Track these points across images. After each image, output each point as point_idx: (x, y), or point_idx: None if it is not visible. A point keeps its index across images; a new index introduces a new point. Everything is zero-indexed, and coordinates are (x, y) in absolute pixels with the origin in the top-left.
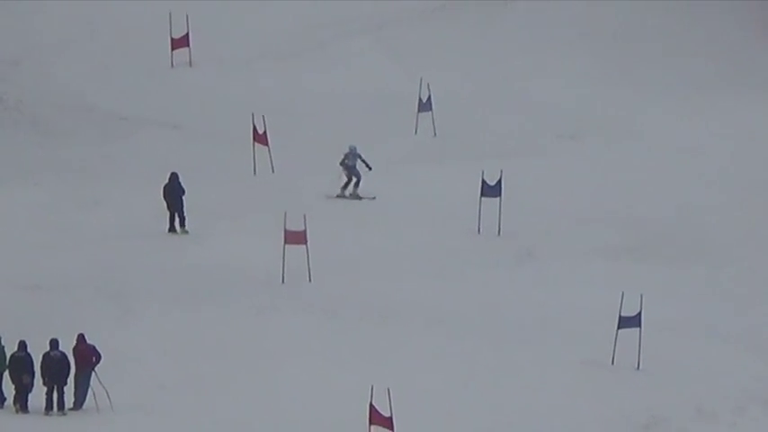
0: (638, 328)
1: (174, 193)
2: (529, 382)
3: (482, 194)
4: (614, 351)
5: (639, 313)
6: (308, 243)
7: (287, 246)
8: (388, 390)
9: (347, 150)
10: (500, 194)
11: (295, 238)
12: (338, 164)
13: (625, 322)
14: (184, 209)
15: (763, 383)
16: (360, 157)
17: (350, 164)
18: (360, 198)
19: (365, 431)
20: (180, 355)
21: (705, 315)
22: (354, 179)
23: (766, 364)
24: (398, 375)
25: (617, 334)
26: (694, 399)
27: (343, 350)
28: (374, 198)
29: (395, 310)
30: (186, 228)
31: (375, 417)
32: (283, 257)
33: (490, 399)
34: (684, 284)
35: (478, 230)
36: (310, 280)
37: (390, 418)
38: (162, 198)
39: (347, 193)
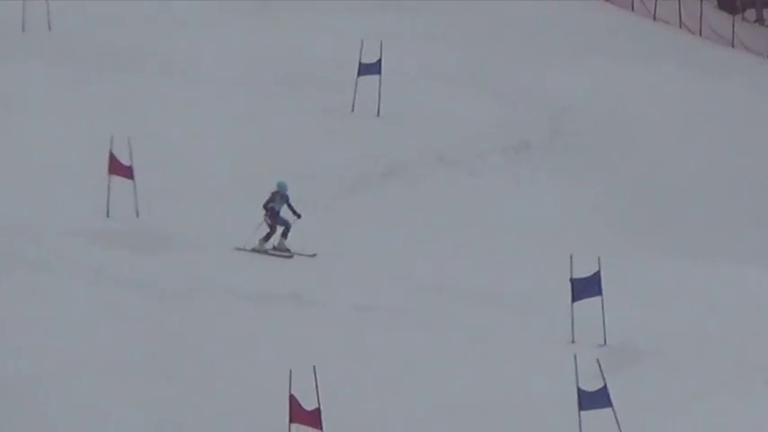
0: (378, 75)
1: None
2: (271, 131)
3: None
4: (354, 98)
5: (380, 60)
6: None
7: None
8: (129, 139)
9: (274, 189)
10: None
11: None
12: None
13: (365, 69)
14: None
15: (503, 130)
16: (288, 200)
17: (276, 208)
18: (288, 252)
19: (105, 181)
20: None
21: (445, 62)
22: (281, 228)
23: (505, 110)
24: (138, 125)
25: (357, 81)
26: (435, 146)
27: (84, 99)
28: (314, 255)
29: (134, 59)
30: None
31: (115, 166)
32: (24, 7)
33: (228, 144)
34: (423, 32)
35: None
36: (50, 28)
37: (130, 167)
38: None
39: (269, 246)
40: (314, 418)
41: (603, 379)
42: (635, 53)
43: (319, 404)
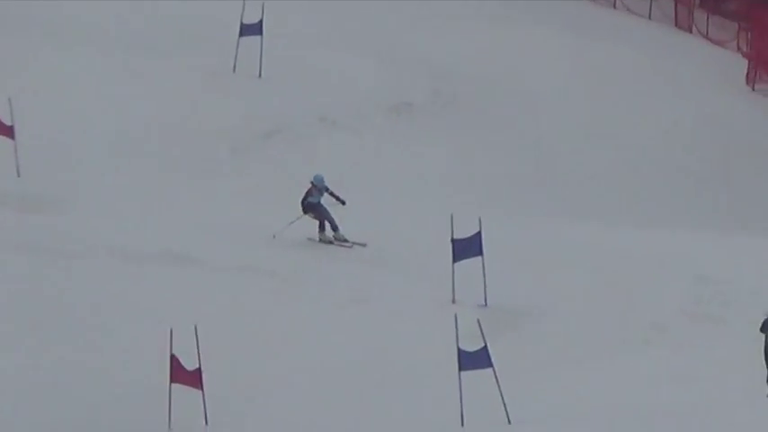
0: (259, 36)
1: None
2: (152, 91)
3: None
4: (236, 58)
5: (261, 21)
6: None
7: None
8: (9, 99)
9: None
10: None
11: None
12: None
13: (247, 30)
14: None
15: (384, 91)
16: (327, 189)
17: (313, 201)
18: (347, 242)
19: None
20: None
21: (327, 24)
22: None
23: (387, 72)
24: (20, 84)
25: (238, 42)
26: (317, 107)
27: None
28: (365, 245)
29: (17, 19)
30: None
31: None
32: None
33: (110, 104)
34: None
35: None
36: None
37: (12, 127)
38: None
39: (330, 235)
40: (194, 377)
41: (484, 339)
42: (517, 15)
43: (200, 364)
